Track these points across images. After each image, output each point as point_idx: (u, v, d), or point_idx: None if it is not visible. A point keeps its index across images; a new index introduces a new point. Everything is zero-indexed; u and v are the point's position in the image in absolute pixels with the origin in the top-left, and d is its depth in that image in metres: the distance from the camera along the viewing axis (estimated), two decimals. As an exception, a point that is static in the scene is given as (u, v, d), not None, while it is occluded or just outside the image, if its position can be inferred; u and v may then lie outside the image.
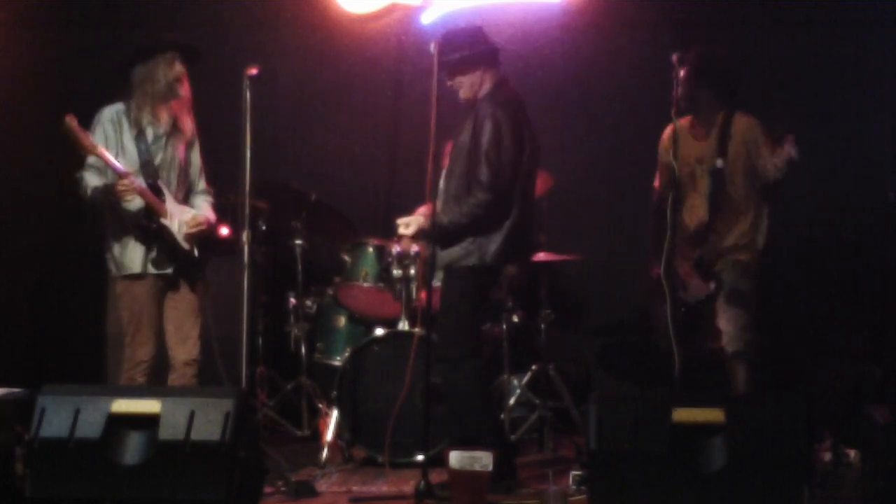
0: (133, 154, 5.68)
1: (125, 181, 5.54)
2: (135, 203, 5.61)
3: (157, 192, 5.66)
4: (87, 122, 5.72)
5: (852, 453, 5.55)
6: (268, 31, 7.41)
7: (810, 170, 5.74)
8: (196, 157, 5.88)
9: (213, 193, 5.97)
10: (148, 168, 5.68)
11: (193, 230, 5.71)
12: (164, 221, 5.65)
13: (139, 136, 5.69)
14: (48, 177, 6.77)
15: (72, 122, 5.46)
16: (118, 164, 5.57)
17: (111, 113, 5.73)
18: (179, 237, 5.69)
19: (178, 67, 5.71)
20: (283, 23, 7.47)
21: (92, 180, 5.62)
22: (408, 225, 5.61)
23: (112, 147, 5.67)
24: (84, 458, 4.49)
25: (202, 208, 5.84)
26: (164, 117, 5.72)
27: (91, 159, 5.67)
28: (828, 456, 5.58)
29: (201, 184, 5.90)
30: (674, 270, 5.50)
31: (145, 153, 5.68)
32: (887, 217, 6.40)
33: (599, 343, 7.44)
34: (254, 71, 5.49)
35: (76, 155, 5.72)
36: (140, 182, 5.61)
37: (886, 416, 4.74)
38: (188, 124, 5.81)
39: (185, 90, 5.76)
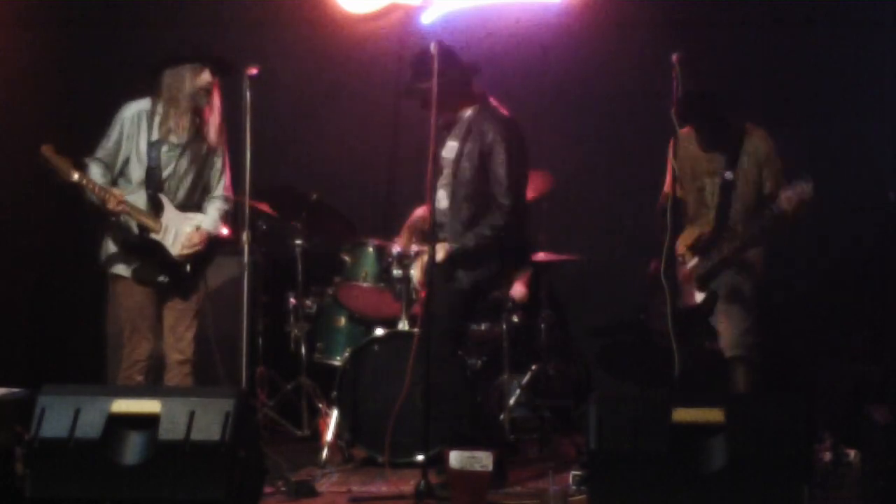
0: (143, 159, 5.66)
1: (112, 205, 5.53)
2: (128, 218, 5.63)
3: (156, 204, 5.66)
4: (85, 125, 5.72)
5: (852, 453, 5.55)
6: (268, 31, 7.41)
7: (811, 170, 5.72)
8: (218, 163, 5.83)
9: (232, 199, 5.94)
10: (153, 177, 5.66)
11: (187, 251, 5.70)
12: (156, 237, 5.64)
13: (156, 142, 5.66)
14: (48, 177, 6.75)
15: (47, 151, 5.47)
16: (102, 186, 5.55)
17: (134, 111, 5.70)
18: (173, 251, 5.67)
19: (206, 77, 5.67)
20: (283, 23, 7.46)
21: (96, 175, 5.60)
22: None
23: (127, 146, 5.67)
24: (84, 458, 4.49)
25: (210, 217, 5.80)
26: (187, 126, 5.68)
27: (99, 152, 5.66)
28: (828, 456, 5.58)
29: (219, 189, 5.85)
30: (673, 272, 5.48)
31: (155, 160, 5.65)
32: (887, 217, 6.39)
33: (599, 343, 7.43)
34: (254, 71, 5.49)
35: (77, 153, 5.73)
36: (134, 198, 5.61)
37: (886, 416, 4.75)
38: (214, 133, 5.75)
39: (212, 100, 5.71)
